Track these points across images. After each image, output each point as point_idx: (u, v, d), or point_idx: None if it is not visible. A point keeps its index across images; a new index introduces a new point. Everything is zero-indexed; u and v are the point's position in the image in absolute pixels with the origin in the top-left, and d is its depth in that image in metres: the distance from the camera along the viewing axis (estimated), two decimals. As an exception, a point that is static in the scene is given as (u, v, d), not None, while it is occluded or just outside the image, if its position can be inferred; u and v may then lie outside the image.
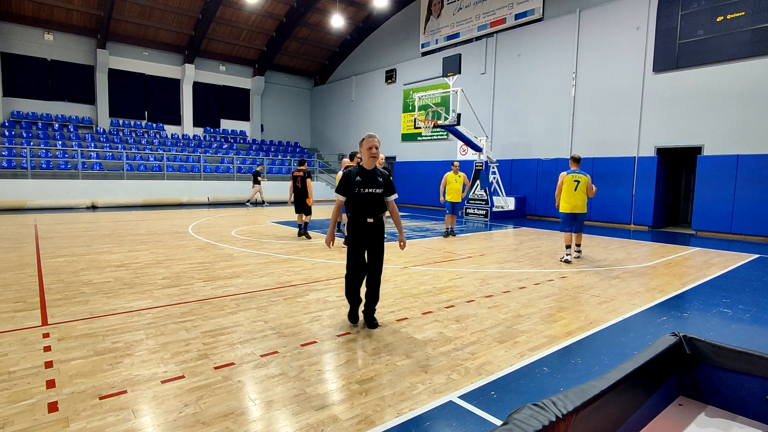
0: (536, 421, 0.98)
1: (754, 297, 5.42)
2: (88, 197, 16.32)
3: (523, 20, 16.09)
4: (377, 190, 3.97)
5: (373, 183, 3.96)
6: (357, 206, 3.95)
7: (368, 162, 3.98)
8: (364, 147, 3.95)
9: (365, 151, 3.95)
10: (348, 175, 3.95)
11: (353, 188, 3.93)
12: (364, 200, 3.93)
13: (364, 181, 3.93)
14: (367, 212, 3.94)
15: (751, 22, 10.81)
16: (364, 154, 3.96)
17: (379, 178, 4.00)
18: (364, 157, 3.98)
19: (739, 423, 1.40)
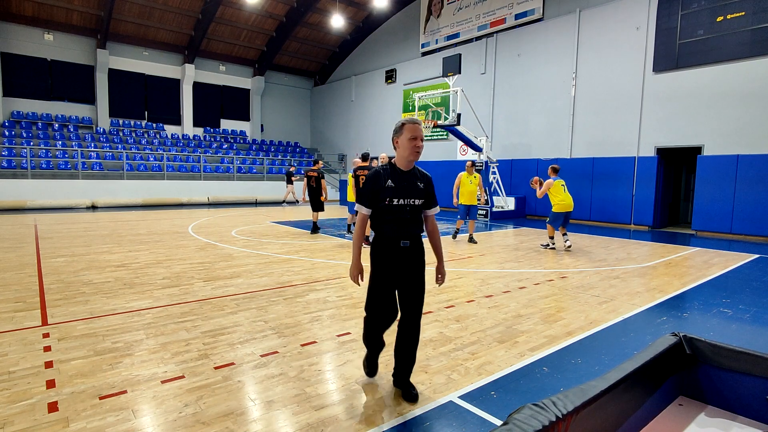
0: (536, 421, 0.98)
1: (754, 297, 5.42)
2: (88, 197, 16.32)
3: (523, 20, 16.09)
4: (416, 201, 2.74)
5: (412, 191, 2.73)
6: (387, 224, 2.73)
7: (407, 159, 2.72)
8: (403, 137, 2.70)
9: (406, 143, 2.69)
10: (375, 178, 2.72)
11: (383, 198, 2.69)
12: (397, 215, 2.71)
13: (398, 187, 2.70)
14: (402, 232, 2.72)
15: (751, 22, 10.80)
16: (403, 147, 2.71)
17: (420, 184, 2.76)
18: (402, 151, 2.72)
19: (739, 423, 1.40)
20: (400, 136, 2.71)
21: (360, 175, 8.99)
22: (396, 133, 2.74)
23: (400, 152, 2.74)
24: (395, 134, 2.75)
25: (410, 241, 2.77)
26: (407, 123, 2.71)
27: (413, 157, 2.71)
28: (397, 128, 2.74)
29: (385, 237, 2.75)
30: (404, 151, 2.71)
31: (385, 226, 2.75)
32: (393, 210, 2.71)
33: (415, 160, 2.72)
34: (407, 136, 2.69)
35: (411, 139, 2.68)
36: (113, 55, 20.99)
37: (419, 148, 2.69)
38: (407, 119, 2.73)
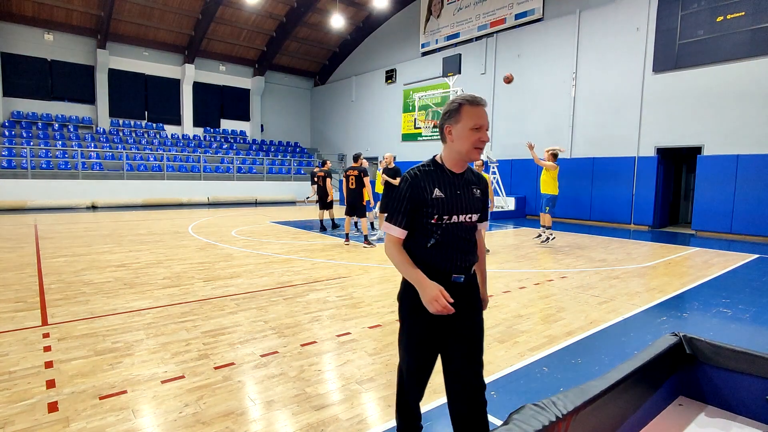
0: (536, 421, 0.98)
1: (754, 297, 5.42)
2: (88, 197, 16.32)
3: (523, 20, 16.09)
4: (474, 216, 1.92)
5: (470, 202, 1.91)
6: (433, 250, 1.85)
7: (465, 158, 1.87)
8: (462, 124, 1.80)
9: (466, 134, 1.80)
10: (414, 184, 1.86)
11: (430, 213, 1.84)
12: (450, 239, 1.86)
13: (451, 198, 1.86)
14: (455, 263, 1.86)
15: (751, 22, 10.80)
16: (460, 138, 1.81)
17: (477, 191, 1.95)
18: (459, 145, 1.83)
19: (739, 423, 1.40)
20: (457, 123, 1.80)
21: (350, 176, 8.99)
22: (449, 118, 1.83)
23: (456, 147, 1.83)
24: (447, 119, 1.84)
25: (465, 275, 1.88)
26: (467, 104, 1.79)
27: (475, 155, 1.83)
28: (452, 110, 1.81)
29: (429, 271, 1.82)
30: (462, 144, 1.80)
31: (429, 255, 1.84)
32: (446, 231, 1.84)
33: (476, 159, 1.88)
34: (468, 123, 1.77)
35: (474, 129, 1.77)
36: (113, 55, 20.99)
37: (484, 143, 1.81)
38: (467, 97, 1.80)
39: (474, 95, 1.84)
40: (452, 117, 1.83)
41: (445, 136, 1.87)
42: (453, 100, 1.84)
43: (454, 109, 1.82)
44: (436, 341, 1.90)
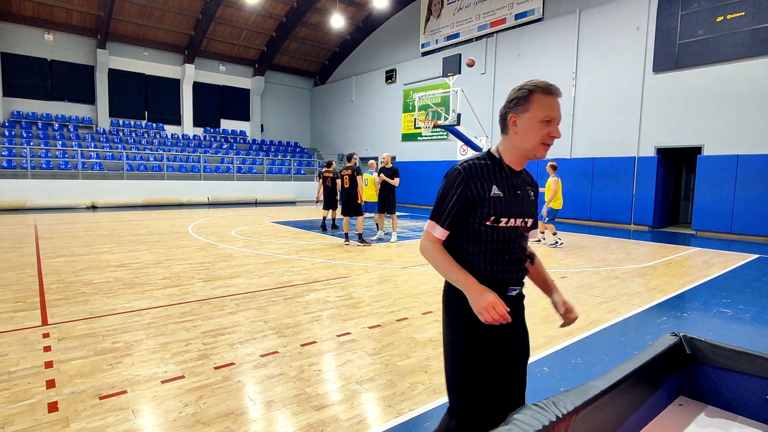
0: (536, 421, 0.98)
1: (754, 297, 5.42)
2: (88, 197, 16.32)
3: (523, 20, 16.09)
4: (529, 220, 1.68)
5: (526, 204, 1.67)
6: (487, 256, 1.60)
7: (528, 154, 1.62)
8: (531, 114, 1.55)
9: (534, 127, 1.55)
10: (468, 178, 1.59)
11: (486, 215, 1.58)
12: (506, 245, 1.62)
13: (510, 198, 1.61)
14: (512, 273, 1.64)
15: (751, 22, 10.80)
16: (527, 131, 1.56)
17: (531, 192, 1.72)
18: (525, 138, 1.58)
19: (739, 423, 1.40)
20: (524, 113, 1.54)
21: (344, 175, 9.01)
22: (515, 106, 1.56)
23: (520, 140, 1.58)
24: (513, 107, 1.57)
25: (519, 288, 1.69)
26: (539, 91, 1.53)
27: (541, 152, 1.58)
28: (520, 98, 1.55)
29: (479, 280, 1.55)
30: (528, 138, 1.55)
31: (480, 262, 1.59)
32: (501, 236, 1.60)
33: (541, 157, 1.59)
34: (538, 114, 1.52)
35: (544, 122, 1.53)
36: (113, 55, 20.99)
37: (553, 139, 1.56)
38: (540, 83, 1.54)
39: (548, 82, 1.56)
40: (519, 105, 1.56)
41: (508, 126, 1.61)
42: (522, 86, 1.57)
43: (523, 96, 1.55)
44: (498, 362, 1.59)
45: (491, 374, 1.57)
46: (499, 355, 1.60)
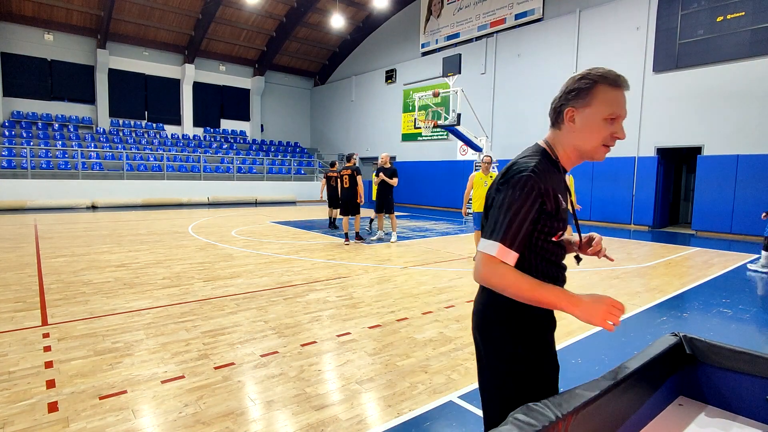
0: (536, 421, 0.98)
1: (754, 297, 5.42)
2: (88, 197, 16.32)
3: (523, 20, 16.09)
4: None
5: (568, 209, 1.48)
6: (551, 270, 1.43)
7: (584, 156, 1.40)
8: (595, 109, 1.30)
9: (598, 125, 1.31)
10: (542, 187, 1.27)
11: (556, 229, 1.36)
12: (562, 264, 1.49)
13: (567, 207, 1.43)
14: (563, 274, 1.51)
15: (751, 22, 10.80)
16: (590, 128, 1.32)
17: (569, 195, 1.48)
18: (587, 138, 1.34)
19: (739, 423, 1.40)
20: (585, 107, 1.31)
21: (344, 175, 9.05)
22: (575, 98, 1.33)
23: (577, 139, 1.35)
24: (572, 99, 1.34)
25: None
26: (605, 83, 1.29)
27: (600, 155, 1.37)
28: (582, 89, 1.32)
29: (537, 308, 1.36)
30: (588, 138, 1.33)
31: (548, 278, 1.40)
32: (561, 253, 1.46)
33: (600, 160, 1.39)
34: (602, 110, 1.30)
35: (608, 120, 1.30)
36: (113, 55, 20.99)
37: (615, 141, 1.34)
38: (607, 74, 1.30)
39: (616, 72, 1.31)
40: (580, 97, 1.32)
41: (564, 122, 1.36)
42: (585, 75, 1.32)
43: (586, 87, 1.31)
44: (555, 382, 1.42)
45: (548, 380, 1.40)
46: (550, 378, 1.41)
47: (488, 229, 1.29)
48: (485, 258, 1.27)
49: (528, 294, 1.23)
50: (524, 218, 1.26)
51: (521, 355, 1.34)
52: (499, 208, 1.28)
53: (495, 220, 1.28)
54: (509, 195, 1.27)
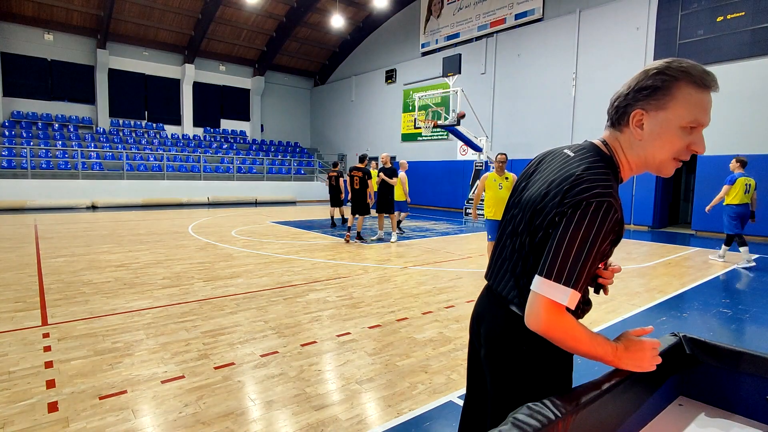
0: (536, 421, 0.98)
1: (754, 297, 5.42)
2: (88, 197, 16.32)
3: (523, 20, 16.09)
4: None
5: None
6: (586, 308, 1.26)
7: (650, 168, 1.16)
8: (672, 110, 1.06)
9: (674, 134, 1.08)
10: (617, 207, 1.04)
11: (609, 253, 1.16)
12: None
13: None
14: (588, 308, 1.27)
15: (751, 22, 10.80)
16: (660, 140, 1.09)
17: None
18: (653, 148, 1.11)
19: (739, 423, 1.40)
20: (659, 110, 1.09)
21: (354, 176, 9.08)
22: (647, 97, 1.09)
23: (644, 148, 1.14)
24: (643, 98, 1.10)
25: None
26: (690, 82, 1.06)
27: (669, 170, 1.16)
28: (656, 87, 1.08)
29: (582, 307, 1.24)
30: (659, 148, 1.11)
31: (586, 303, 1.26)
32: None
33: (668, 175, 1.20)
34: (683, 115, 1.08)
35: (687, 128, 1.10)
36: (113, 55, 20.98)
37: (690, 155, 1.15)
38: (692, 69, 1.06)
39: (704, 69, 1.07)
40: (653, 97, 1.08)
41: (629, 126, 1.15)
42: (662, 69, 1.07)
43: (663, 86, 1.07)
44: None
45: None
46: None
47: (553, 267, 1.03)
48: (549, 305, 1.04)
49: (585, 349, 1.09)
50: (600, 254, 1.05)
51: (550, 379, 1.23)
52: (569, 241, 1.02)
53: (566, 258, 1.02)
54: (584, 226, 1.01)
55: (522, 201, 1.22)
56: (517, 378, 1.23)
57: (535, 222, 1.13)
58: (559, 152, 1.25)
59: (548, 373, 1.22)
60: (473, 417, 1.46)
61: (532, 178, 1.26)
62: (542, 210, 1.11)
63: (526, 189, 1.23)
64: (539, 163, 1.30)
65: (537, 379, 1.21)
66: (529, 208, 1.16)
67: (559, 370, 1.23)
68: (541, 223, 1.11)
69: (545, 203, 1.11)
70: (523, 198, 1.22)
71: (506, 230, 1.28)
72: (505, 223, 1.29)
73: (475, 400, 1.46)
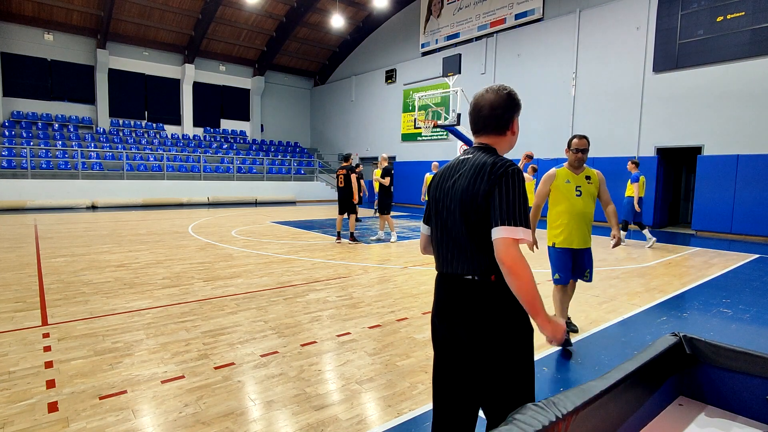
0: (536, 421, 0.98)
1: (754, 297, 5.42)
2: (88, 197, 16.32)
3: (523, 20, 16.09)
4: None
5: None
6: None
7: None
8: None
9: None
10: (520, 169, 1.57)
11: None
12: None
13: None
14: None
15: (751, 22, 10.80)
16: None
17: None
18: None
19: (739, 423, 1.40)
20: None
21: (339, 175, 9.16)
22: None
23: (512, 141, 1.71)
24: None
25: None
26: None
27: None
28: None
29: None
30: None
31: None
32: None
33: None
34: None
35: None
36: (113, 55, 20.98)
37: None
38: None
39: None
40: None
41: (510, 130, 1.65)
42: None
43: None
44: None
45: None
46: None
47: (508, 216, 1.42)
48: (512, 243, 1.40)
49: (533, 287, 1.38)
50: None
51: (525, 342, 1.49)
52: (513, 196, 1.45)
53: (515, 207, 1.44)
54: (518, 184, 1.50)
55: (451, 196, 1.57)
56: (504, 337, 1.47)
57: (470, 207, 1.50)
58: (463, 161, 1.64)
59: (521, 326, 1.49)
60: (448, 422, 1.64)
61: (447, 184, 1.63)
62: (475, 194, 1.49)
63: (452, 189, 1.58)
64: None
65: (517, 333, 1.48)
66: (461, 199, 1.52)
67: (527, 325, 1.50)
68: (474, 204, 1.49)
69: (476, 189, 1.49)
70: (452, 196, 1.57)
71: (446, 229, 1.59)
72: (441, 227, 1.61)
73: (450, 408, 1.63)
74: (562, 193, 3.67)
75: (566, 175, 3.70)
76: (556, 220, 3.70)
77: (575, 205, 3.62)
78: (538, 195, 3.84)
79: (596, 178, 3.75)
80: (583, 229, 3.65)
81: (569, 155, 3.73)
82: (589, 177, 3.71)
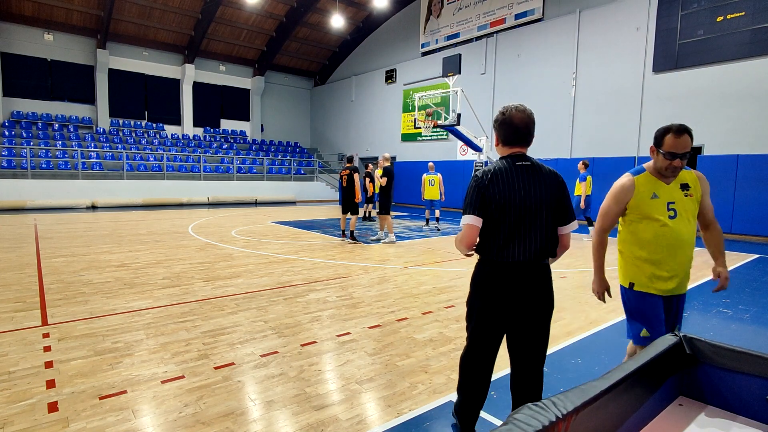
0: (536, 421, 0.98)
1: (754, 297, 5.42)
2: (88, 197, 16.32)
3: (523, 20, 16.09)
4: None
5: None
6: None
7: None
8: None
9: None
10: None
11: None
12: None
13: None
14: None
15: (751, 22, 10.80)
16: None
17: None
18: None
19: (739, 423, 1.40)
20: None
21: (342, 175, 9.25)
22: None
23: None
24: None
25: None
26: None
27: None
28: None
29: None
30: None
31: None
32: None
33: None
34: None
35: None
36: (113, 55, 20.98)
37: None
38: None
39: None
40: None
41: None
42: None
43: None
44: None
45: None
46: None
47: (573, 214, 2.28)
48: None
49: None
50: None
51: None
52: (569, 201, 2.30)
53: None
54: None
55: (538, 200, 2.11)
56: (548, 297, 2.16)
57: (553, 205, 2.12)
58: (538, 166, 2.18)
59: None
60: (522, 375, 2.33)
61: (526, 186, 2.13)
62: (556, 197, 2.14)
63: (532, 192, 2.12)
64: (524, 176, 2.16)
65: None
66: (546, 202, 2.11)
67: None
68: (555, 204, 2.14)
69: (556, 192, 2.13)
70: (535, 198, 2.11)
71: (534, 224, 2.11)
72: (529, 222, 2.10)
73: (523, 364, 2.31)
74: (645, 215, 2.38)
75: (651, 185, 2.38)
76: (636, 251, 2.41)
77: (669, 231, 2.31)
78: (604, 216, 2.63)
79: (697, 184, 2.43)
80: (683, 263, 2.36)
81: (657, 159, 2.34)
82: (686, 185, 2.38)
